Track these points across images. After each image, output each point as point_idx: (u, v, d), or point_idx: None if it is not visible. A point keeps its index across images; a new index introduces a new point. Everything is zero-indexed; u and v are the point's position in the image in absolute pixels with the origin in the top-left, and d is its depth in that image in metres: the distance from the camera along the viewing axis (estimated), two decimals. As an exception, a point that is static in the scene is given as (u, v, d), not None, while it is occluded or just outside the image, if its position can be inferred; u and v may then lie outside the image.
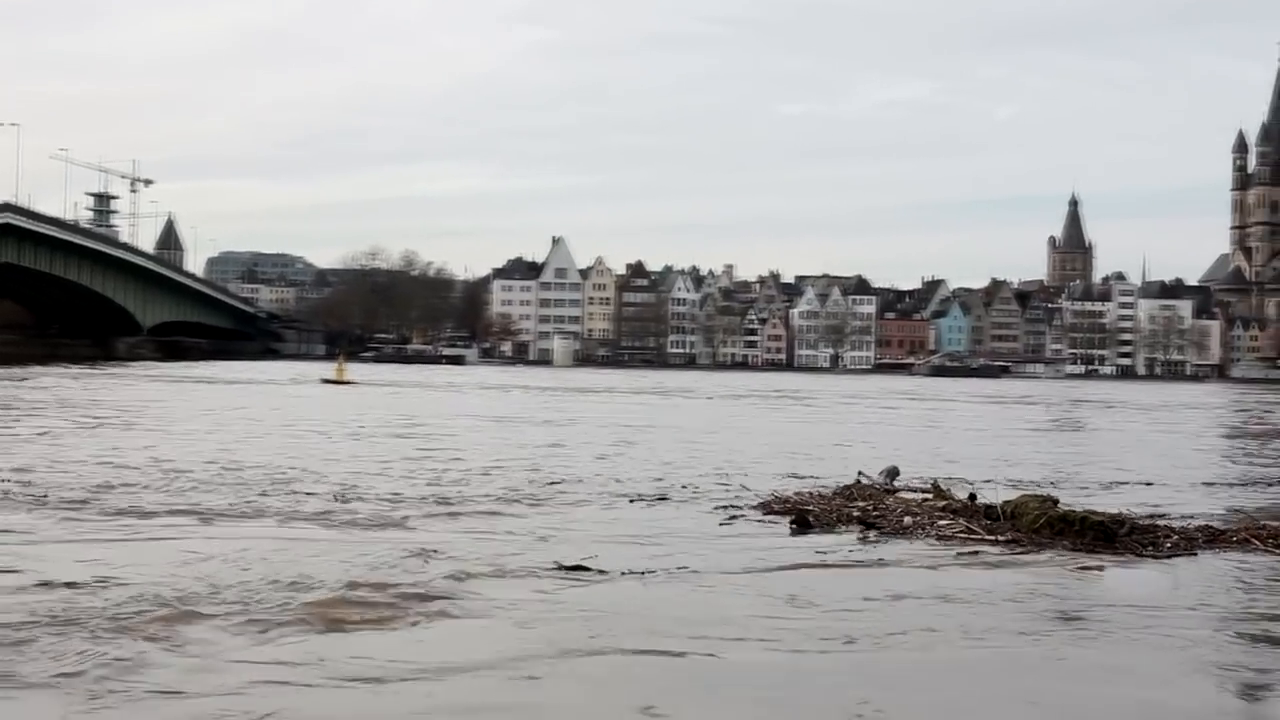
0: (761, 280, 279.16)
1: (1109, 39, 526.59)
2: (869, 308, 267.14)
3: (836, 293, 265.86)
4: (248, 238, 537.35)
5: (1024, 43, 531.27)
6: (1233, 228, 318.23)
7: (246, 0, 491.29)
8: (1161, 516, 19.35)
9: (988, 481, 24.30)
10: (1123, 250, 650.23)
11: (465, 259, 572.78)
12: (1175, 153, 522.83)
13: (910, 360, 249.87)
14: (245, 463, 26.84)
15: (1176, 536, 17.28)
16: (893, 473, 23.40)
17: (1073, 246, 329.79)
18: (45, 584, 12.97)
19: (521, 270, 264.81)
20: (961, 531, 17.52)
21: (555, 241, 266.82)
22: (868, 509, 19.47)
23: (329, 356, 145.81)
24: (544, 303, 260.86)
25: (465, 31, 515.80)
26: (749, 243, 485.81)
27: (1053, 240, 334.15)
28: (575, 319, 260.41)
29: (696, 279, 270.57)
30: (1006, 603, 13.30)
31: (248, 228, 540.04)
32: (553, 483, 24.27)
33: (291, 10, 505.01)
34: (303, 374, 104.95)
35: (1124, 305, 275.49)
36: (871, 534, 17.73)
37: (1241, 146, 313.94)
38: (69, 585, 12.92)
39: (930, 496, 20.69)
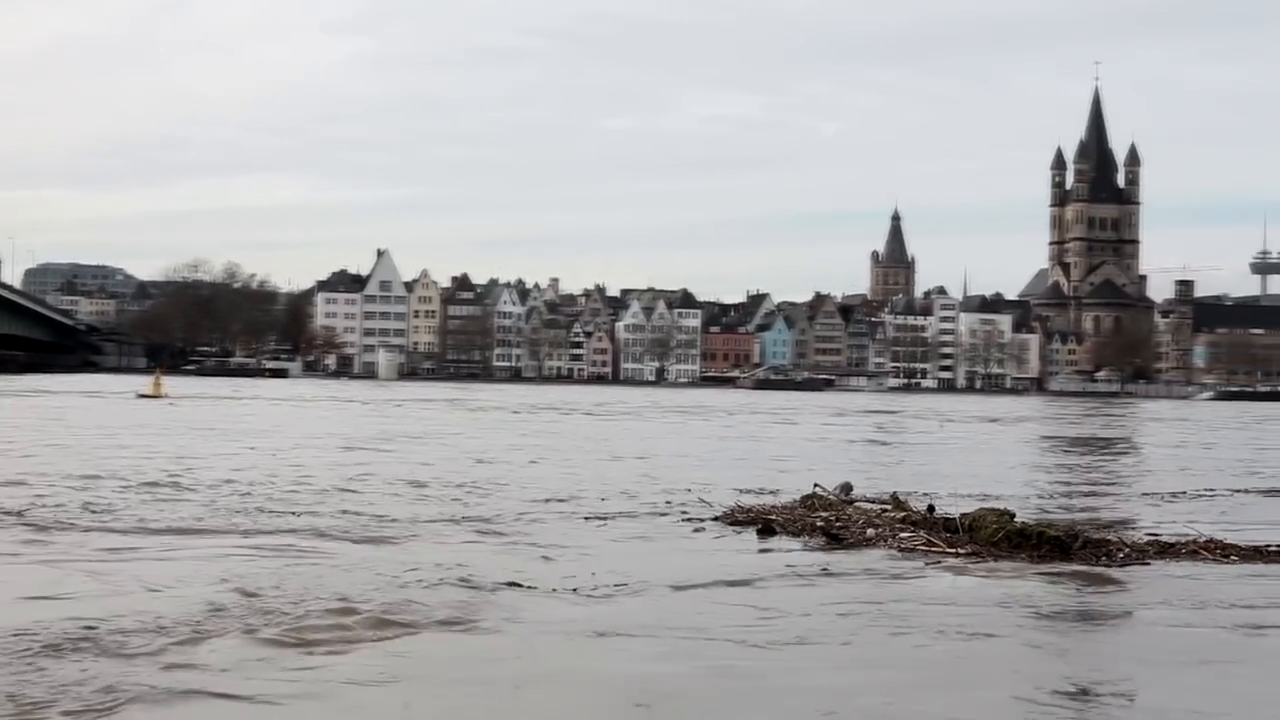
0: (587, 294, 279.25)
1: (932, 57, 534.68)
2: (694, 321, 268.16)
3: (661, 306, 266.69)
4: (67, 249, 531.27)
5: (848, 59, 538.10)
6: (1051, 243, 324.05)
7: (65, 7, 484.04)
8: (1109, 528, 20.05)
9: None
10: (944, 265, 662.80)
11: (289, 271, 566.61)
12: (996, 169, 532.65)
13: (735, 374, 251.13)
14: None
15: (1128, 549, 17.78)
16: (847, 488, 23.55)
17: (895, 261, 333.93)
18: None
19: (346, 283, 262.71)
20: (923, 544, 17.89)
21: (380, 254, 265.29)
22: (830, 520, 19.72)
23: (149, 370, 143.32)
24: (368, 315, 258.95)
25: (287, 41, 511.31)
26: (575, 256, 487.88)
27: (875, 255, 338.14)
28: (400, 332, 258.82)
29: (522, 292, 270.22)
30: (977, 608, 13.76)
31: (67, 238, 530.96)
32: (528, 505, 23.49)
33: (111, 17, 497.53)
34: (128, 387, 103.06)
35: (945, 319, 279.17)
36: (836, 545, 18.03)
37: (1060, 163, 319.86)
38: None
39: (889, 508, 20.86)
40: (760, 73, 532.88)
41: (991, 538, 17.67)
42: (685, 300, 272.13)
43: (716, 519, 20.77)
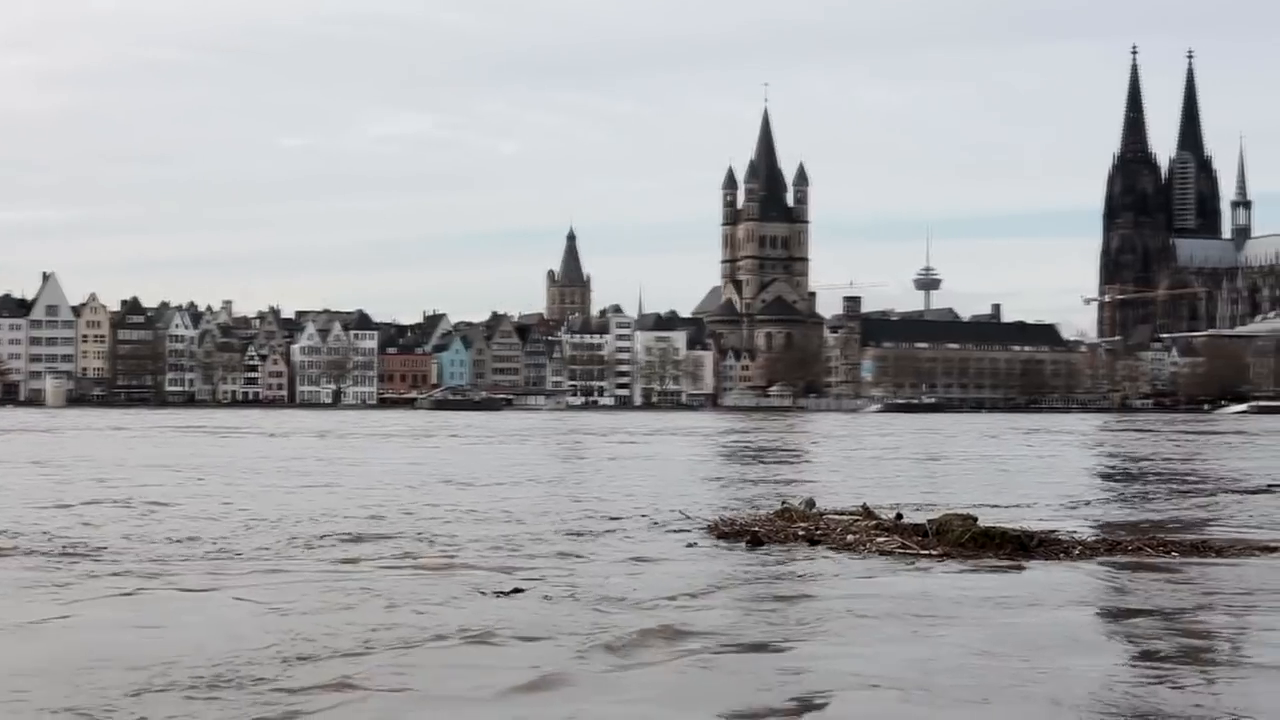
0: (261, 316, 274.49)
1: (608, 78, 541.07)
2: (370, 342, 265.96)
3: (337, 328, 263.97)
4: None
5: (526, 80, 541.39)
6: (724, 261, 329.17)
7: None
8: (1053, 530, 21.89)
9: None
10: (620, 283, 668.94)
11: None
12: (670, 189, 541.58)
13: (413, 394, 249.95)
14: None
15: (1080, 547, 19.69)
16: (810, 503, 24.96)
17: (571, 280, 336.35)
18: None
19: (10, 307, 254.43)
20: (899, 547, 19.58)
21: (46, 277, 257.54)
22: (811, 529, 21.46)
23: None
24: (34, 341, 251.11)
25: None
26: (249, 278, 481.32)
27: (551, 274, 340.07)
28: (68, 357, 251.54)
29: (194, 315, 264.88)
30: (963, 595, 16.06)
31: None
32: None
33: None
34: None
35: (621, 337, 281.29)
36: (821, 549, 19.68)
37: (731, 183, 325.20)
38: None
39: (859, 517, 22.49)
40: (437, 92, 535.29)
41: (959, 539, 19.54)
42: (361, 322, 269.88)
43: (705, 531, 22.71)
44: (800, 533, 21.01)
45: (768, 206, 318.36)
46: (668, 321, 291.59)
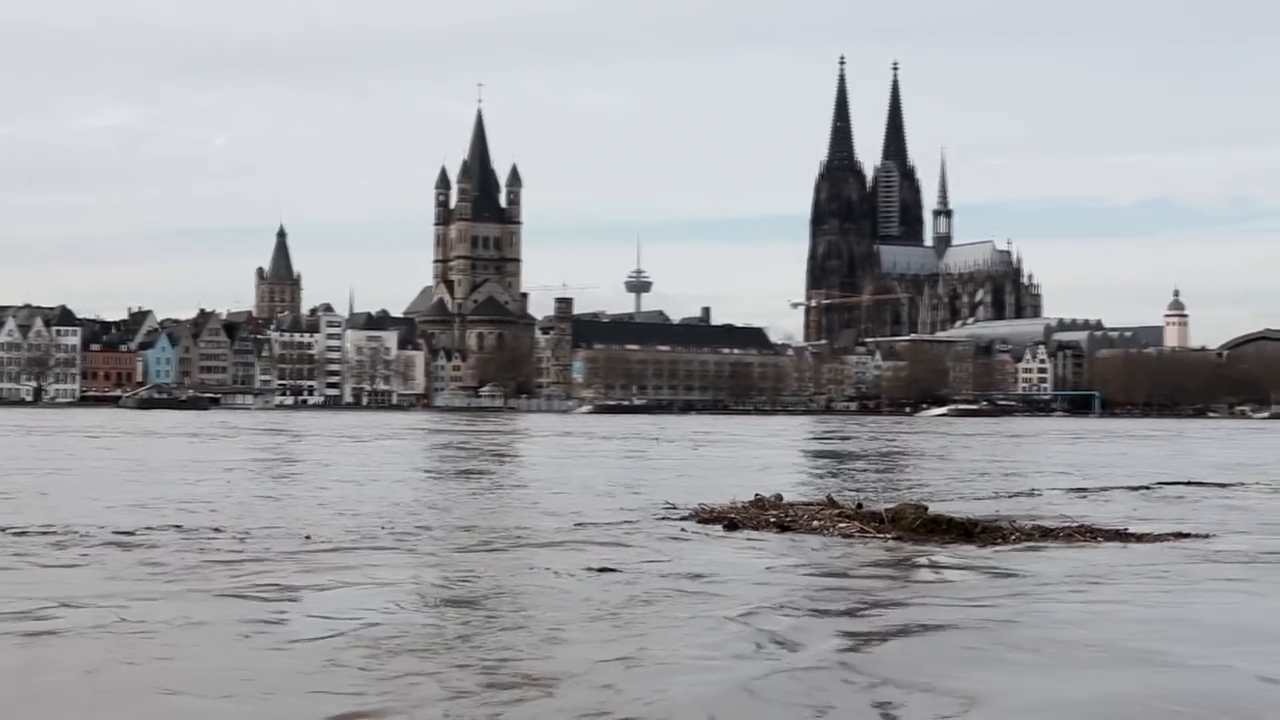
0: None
1: (322, 73, 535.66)
2: (73, 339, 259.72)
3: (39, 323, 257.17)
4: None
5: (238, 73, 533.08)
6: (436, 261, 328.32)
7: None
8: (998, 518, 24.44)
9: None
10: (331, 282, 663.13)
11: None
12: (383, 187, 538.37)
13: (118, 393, 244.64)
14: None
15: (1018, 533, 22.09)
16: (778, 496, 26.96)
17: (281, 278, 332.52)
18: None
19: None
20: (858, 531, 21.94)
21: None
22: (781, 516, 23.69)
23: None
24: None
25: None
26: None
27: (261, 271, 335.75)
28: None
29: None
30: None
31: None
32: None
33: None
34: None
35: (331, 336, 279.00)
36: (789, 534, 21.97)
37: (444, 182, 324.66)
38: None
39: (825, 506, 24.87)
40: (146, 84, 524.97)
41: (911, 525, 21.86)
42: (64, 317, 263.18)
43: (687, 518, 24.89)
44: (772, 519, 23.24)
45: (481, 207, 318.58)
46: (379, 321, 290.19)
